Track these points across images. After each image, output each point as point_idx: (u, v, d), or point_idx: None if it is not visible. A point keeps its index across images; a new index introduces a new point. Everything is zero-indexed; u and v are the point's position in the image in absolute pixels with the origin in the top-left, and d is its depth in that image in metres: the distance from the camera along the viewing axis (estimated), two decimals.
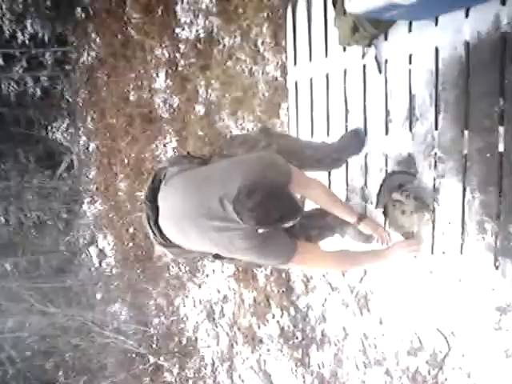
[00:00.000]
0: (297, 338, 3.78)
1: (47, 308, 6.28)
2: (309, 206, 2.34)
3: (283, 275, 3.81)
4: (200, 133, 4.42)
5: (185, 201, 1.94)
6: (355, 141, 2.58)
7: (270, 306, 4.02)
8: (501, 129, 1.90)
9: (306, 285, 3.65)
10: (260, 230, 1.85)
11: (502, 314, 2.20)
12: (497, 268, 1.97)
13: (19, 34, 7.17)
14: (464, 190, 2.06)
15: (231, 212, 1.81)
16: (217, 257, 2.12)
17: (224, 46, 4.12)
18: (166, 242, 2.05)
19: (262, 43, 3.72)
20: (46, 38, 7.36)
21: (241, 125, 3.95)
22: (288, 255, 2.00)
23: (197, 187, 1.94)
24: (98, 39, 6.97)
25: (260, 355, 4.18)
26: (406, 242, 2.35)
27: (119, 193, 6.74)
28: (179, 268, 5.42)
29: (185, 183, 2.00)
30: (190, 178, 2.01)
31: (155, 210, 2.02)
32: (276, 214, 1.76)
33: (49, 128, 8.56)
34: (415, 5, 1.79)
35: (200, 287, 5.06)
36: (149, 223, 2.04)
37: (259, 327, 4.18)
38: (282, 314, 3.90)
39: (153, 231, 2.04)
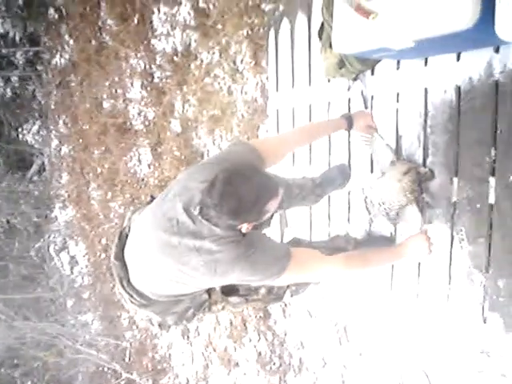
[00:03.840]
0: (274, 363, 3.69)
1: (14, 320, 6.09)
2: None
3: None
4: (176, 152, 4.29)
5: (149, 232, 1.71)
6: (340, 177, 2.46)
7: (246, 330, 3.92)
8: (492, 180, 1.83)
9: (284, 310, 3.57)
10: (244, 229, 1.60)
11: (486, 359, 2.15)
12: (485, 321, 1.91)
13: None
14: (452, 238, 1.99)
15: (201, 221, 1.58)
16: (210, 295, 1.90)
17: (202, 61, 3.99)
18: (146, 301, 1.82)
19: (242, 61, 3.61)
20: (18, 38, 7.19)
21: (218, 144, 3.84)
22: (282, 260, 1.69)
23: (158, 211, 1.71)
24: (71, 41, 6.78)
25: (236, 378, 4.09)
26: (421, 235, 2.08)
27: (92, 201, 6.56)
28: None
29: (146, 217, 1.77)
30: (150, 209, 1.78)
31: (125, 268, 1.81)
32: (250, 195, 1.51)
33: (19, 130, 8.35)
34: (407, 49, 1.71)
35: None
36: (122, 285, 1.82)
37: (235, 350, 4.08)
38: (259, 338, 3.81)
39: (129, 293, 1.81)
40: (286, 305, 3.55)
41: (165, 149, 4.55)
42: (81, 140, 6.61)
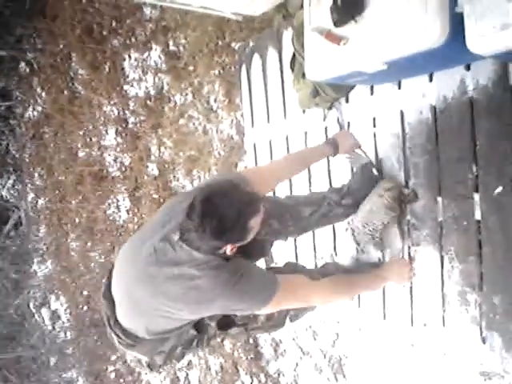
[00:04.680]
0: None
1: None
2: None
3: (250, 341, 3.61)
4: (155, 195, 4.24)
5: (128, 265, 1.65)
6: (368, 180, 2.16)
7: (238, 373, 3.80)
8: (476, 196, 1.82)
9: (276, 349, 3.47)
10: (228, 251, 1.52)
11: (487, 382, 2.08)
12: (484, 342, 1.85)
13: None
14: (442, 258, 1.95)
15: (181, 247, 1.51)
16: (200, 330, 1.76)
17: (175, 103, 3.99)
18: (133, 341, 1.72)
19: (215, 101, 3.62)
20: None
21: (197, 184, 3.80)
22: (269, 288, 1.62)
23: (138, 241, 1.66)
24: (43, 93, 6.76)
25: None
26: (402, 261, 2.07)
27: (71, 253, 6.42)
28: None
29: (126, 250, 1.72)
30: (131, 241, 1.73)
31: (112, 306, 1.72)
32: (231, 212, 1.43)
33: None
34: (380, 72, 1.71)
35: None
36: (109, 325, 1.73)
37: None
38: (252, 381, 3.68)
39: (116, 333, 1.72)
40: (277, 344, 3.45)
41: (143, 193, 4.49)
42: (57, 191, 6.52)
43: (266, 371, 3.54)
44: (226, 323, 1.86)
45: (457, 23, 1.40)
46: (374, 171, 2.18)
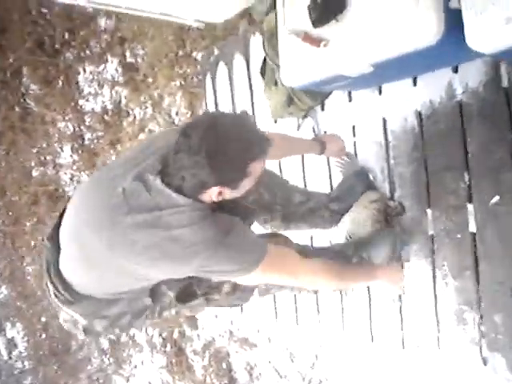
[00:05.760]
0: None
1: None
2: None
3: (224, 365, 3.41)
4: None
5: (87, 205, 1.37)
6: (360, 183, 1.99)
7: None
8: (470, 206, 1.69)
9: (250, 373, 3.28)
10: (214, 195, 1.26)
11: None
12: (485, 363, 1.72)
13: None
14: (434, 275, 1.82)
15: (158, 188, 1.25)
16: (154, 299, 1.48)
17: (134, 117, 3.80)
18: (72, 298, 1.43)
19: (177, 113, 3.44)
20: None
21: None
22: (258, 253, 1.38)
23: (104, 177, 1.39)
24: None
25: None
26: (397, 266, 1.90)
27: (27, 277, 6.08)
28: (102, 359, 4.86)
29: (88, 186, 1.45)
30: (96, 176, 1.48)
31: (57, 252, 1.43)
32: (237, 144, 1.20)
33: None
34: (364, 75, 1.57)
35: (128, 380, 4.53)
36: (48, 274, 1.44)
37: None
38: None
39: (54, 284, 1.43)
40: (251, 367, 3.27)
41: None
42: (10, 213, 6.19)
43: None
44: (186, 295, 1.57)
45: (452, 19, 1.28)
46: (371, 177, 2.01)
